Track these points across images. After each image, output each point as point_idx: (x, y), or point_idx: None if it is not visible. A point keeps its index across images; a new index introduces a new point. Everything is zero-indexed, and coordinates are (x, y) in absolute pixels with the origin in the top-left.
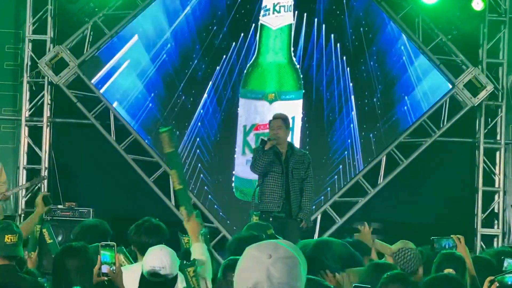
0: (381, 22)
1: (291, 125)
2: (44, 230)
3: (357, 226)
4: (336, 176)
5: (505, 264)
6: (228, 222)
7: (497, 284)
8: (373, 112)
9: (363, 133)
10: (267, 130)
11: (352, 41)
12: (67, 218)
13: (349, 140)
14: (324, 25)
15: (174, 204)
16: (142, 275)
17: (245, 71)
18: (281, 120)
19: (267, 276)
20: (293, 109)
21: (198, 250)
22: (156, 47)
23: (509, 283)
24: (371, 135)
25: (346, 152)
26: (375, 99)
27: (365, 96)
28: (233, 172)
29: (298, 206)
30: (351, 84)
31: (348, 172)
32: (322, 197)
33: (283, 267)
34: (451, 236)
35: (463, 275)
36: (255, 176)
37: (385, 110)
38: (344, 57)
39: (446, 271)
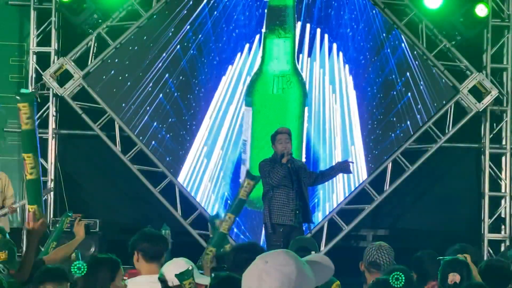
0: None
1: None
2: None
3: (364, 233)
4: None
5: None
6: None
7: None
8: (379, 120)
9: (367, 140)
10: None
11: (355, 49)
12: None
13: (353, 147)
14: (326, 34)
15: (180, 214)
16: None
17: (249, 80)
18: (287, 135)
19: (258, 282)
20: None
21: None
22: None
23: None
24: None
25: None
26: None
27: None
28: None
29: (309, 210)
30: (354, 92)
31: (354, 179)
32: (328, 205)
33: (277, 275)
34: (458, 255)
35: (468, 279)
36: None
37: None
38: (347, 66)
39: (451, 275)
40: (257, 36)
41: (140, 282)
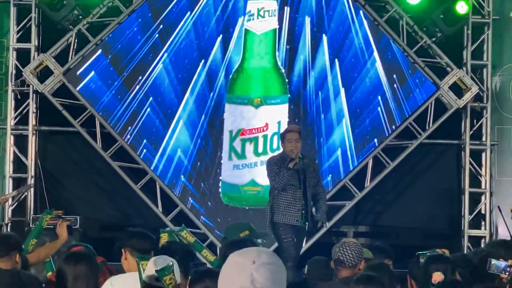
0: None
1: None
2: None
3: (345, 229)
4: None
5: (491, 265)
6: (214, 228)
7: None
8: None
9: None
10: (254, 135)
11: (340, 42)
12: (54, 227)
13: (338, 143)
14: (313, 27)
15: (161, 210)
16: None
17: (230, 76)
18: (298, 133)
19: (251, 281)
20: (279, 113)
21: None
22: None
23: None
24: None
25: (335, 157)
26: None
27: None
28: (220, 178)
29: (315, 206)
30: (342, 88)
31: (337, 175)
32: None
33: (266, 273)
34: (436, 250)
35: (452, 276)
36: (242, 181)
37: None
38: (336, 60)
39: (435, 275)
40: (236, 31)
41: (127, 279)
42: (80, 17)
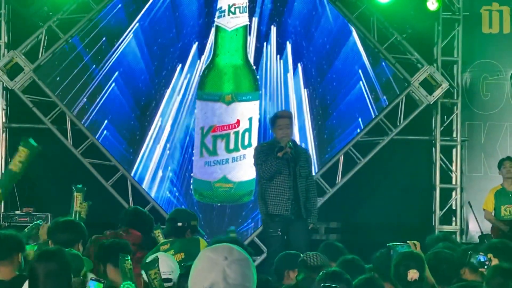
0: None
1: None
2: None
3: (317, 226)
4: None
5: (472, 260)
6: None
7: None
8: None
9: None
10: (225, 132)
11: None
12: (25, 224)
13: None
14: (276, 24)
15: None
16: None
17: (201, 73)
18: (289, 119)
19: (223, 277)
20: (251, 110)
21: None
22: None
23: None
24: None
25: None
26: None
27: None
28: (191, 174)
29: (305, 205)
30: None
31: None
32: None
33: (238, 269)
34: (407, 242)
35: (422, 274)
36: (213, 178)
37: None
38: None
39: (411, 272)
40: (213, 30)
41: None
42: (50, 13)
